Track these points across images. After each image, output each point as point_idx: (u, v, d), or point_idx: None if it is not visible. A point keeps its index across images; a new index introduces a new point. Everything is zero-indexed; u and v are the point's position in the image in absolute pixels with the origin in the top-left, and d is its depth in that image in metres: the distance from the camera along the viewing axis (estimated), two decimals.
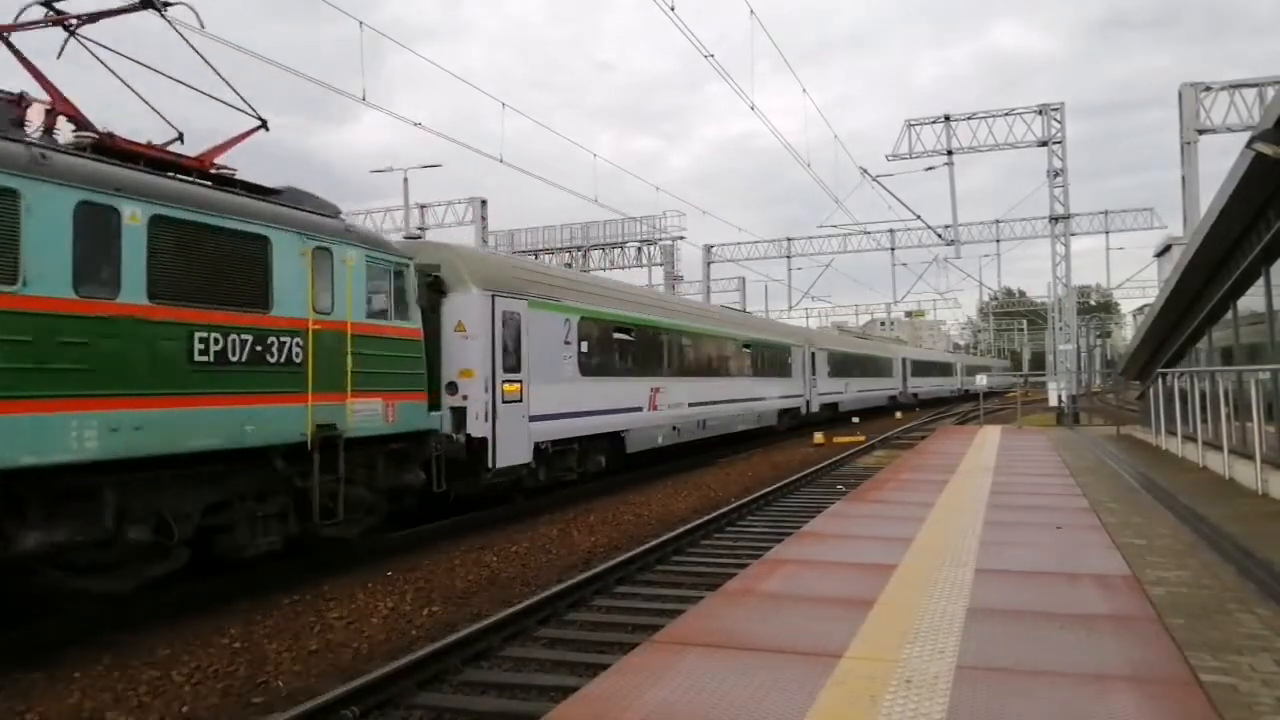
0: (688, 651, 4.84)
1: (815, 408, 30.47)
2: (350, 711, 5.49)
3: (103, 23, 8.25)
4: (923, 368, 53.30)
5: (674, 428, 18.08)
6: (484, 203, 37.18)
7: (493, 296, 11.90)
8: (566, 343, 13.96)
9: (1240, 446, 11.09)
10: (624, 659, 4.84)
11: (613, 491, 15.72)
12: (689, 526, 11.49)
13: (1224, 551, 7.21)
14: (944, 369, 60.79)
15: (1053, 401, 31.00)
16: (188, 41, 8.72)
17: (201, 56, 8.83)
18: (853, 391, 36.08)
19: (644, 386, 16.84)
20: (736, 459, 21.89)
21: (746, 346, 23.92)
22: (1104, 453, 16.67)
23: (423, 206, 38.08)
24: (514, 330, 12.36)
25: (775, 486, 15.44)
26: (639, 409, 16.50)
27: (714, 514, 12.53)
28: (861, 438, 26.87)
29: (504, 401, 11.90)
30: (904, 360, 47.46)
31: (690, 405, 19.19)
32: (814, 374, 30.55)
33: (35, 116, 7.22)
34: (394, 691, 5.87)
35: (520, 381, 12.33)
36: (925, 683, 4.28)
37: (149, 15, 8.37)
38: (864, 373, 39.00)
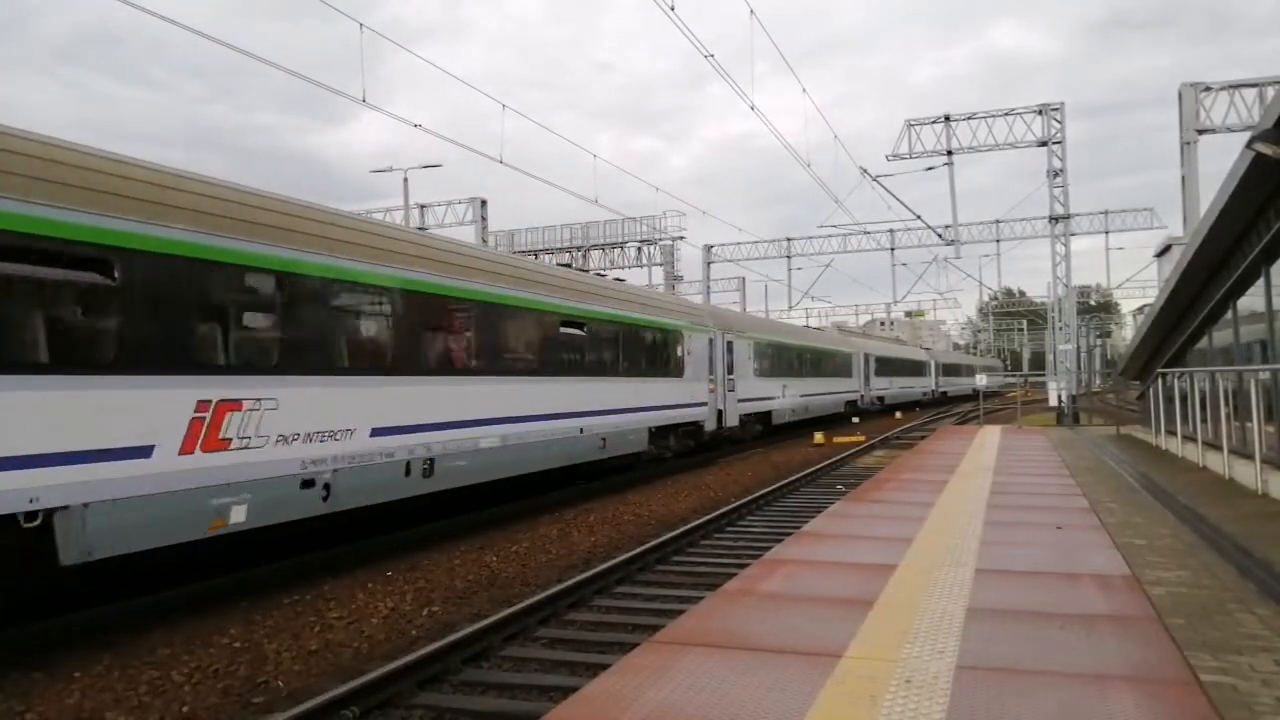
0: (688, 651, 4.84)
1: (732, 421, 21.81)
2: (350, 711, 5.50)
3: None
4: (889, 366, 44.05)
5: (308, 483, 8.67)
6: (484, 203, 37.16)
7: None
8: None
9: (1240, 446, 11.08)
10: (624, 659, 4.84)
11: (613, 491, 15.72)
12: (689, 526, 11.49)
13: (1224, 551, 7.21)
14: (915, 368, 51.28)
15: (1053, 401, 31.00)
16: None
17: None
18: (793, 396, 27.56)
19: (156, 402, 7.28)
20: (735, 459, 21.88)
21: (574, 325, 14.22)
22: (1104, 453, 16.67)
23: (423, 206, 38.07)
24: None
25: (775, 486, 15.44)
26: (134, 453, 7.06)
27: (714, 514, 12.53)
28: (861, 438, 26.88)
29: None
30: (865, 356, 39.22)
31: (377, 434, 9.59)
32: (731, 373, 21.76)
33: None
34: (394, 691, 5.87)
35: None
36: (925, 683, 4.28)
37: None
38: (815, 371, 30.83)
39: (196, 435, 7.61)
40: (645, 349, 17.28)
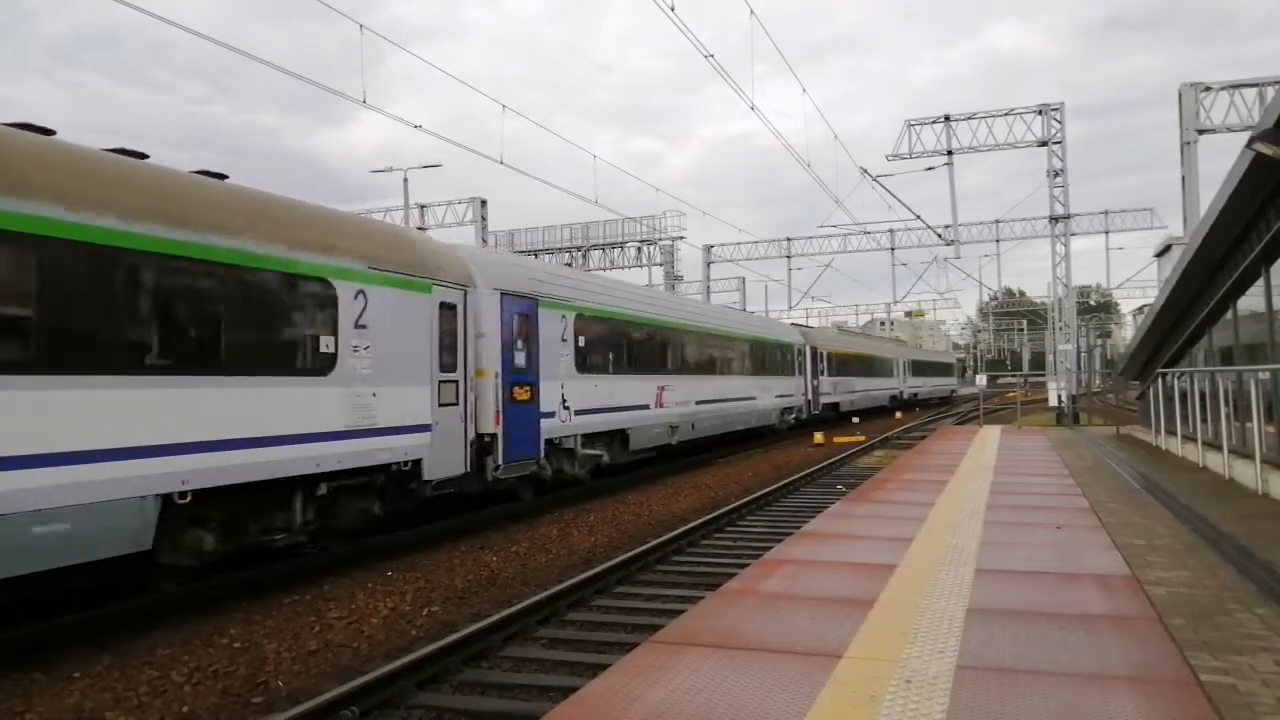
0: (688, 651, 4.83)
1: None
2: (350, 711, 5.49)
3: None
4: (716, 355, 22.26)
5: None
6: (484, 203, 37.20)
7: None
8: None
9: (1240, 446, 11.08)
10: (624, 659, 4.84)
11: (613, 491, 15.72)
12: (689, 526, 11.49)
13: (1224, 551, 7.21)
14: (763, 362, 26.07)
15: (1053, 401, 31.01)
16: None
17: None
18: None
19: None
20: (736, 459, 21.88)
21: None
22: (1104, 453, 16.67)
23: (423, 206, 38.12)
24: None
25: (775, 486, 15.44)
26: None
27: (714, 514, 12.53)
28: (861, 438, 26.88)
29: None
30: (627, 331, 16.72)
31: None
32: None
33: None
34: (394, 691, 5.87)
35: None
36: (925, 683, 4.28)
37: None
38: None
39: None
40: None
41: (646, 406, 17.09)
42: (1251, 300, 11.45)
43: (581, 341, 14.65)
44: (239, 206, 8.49)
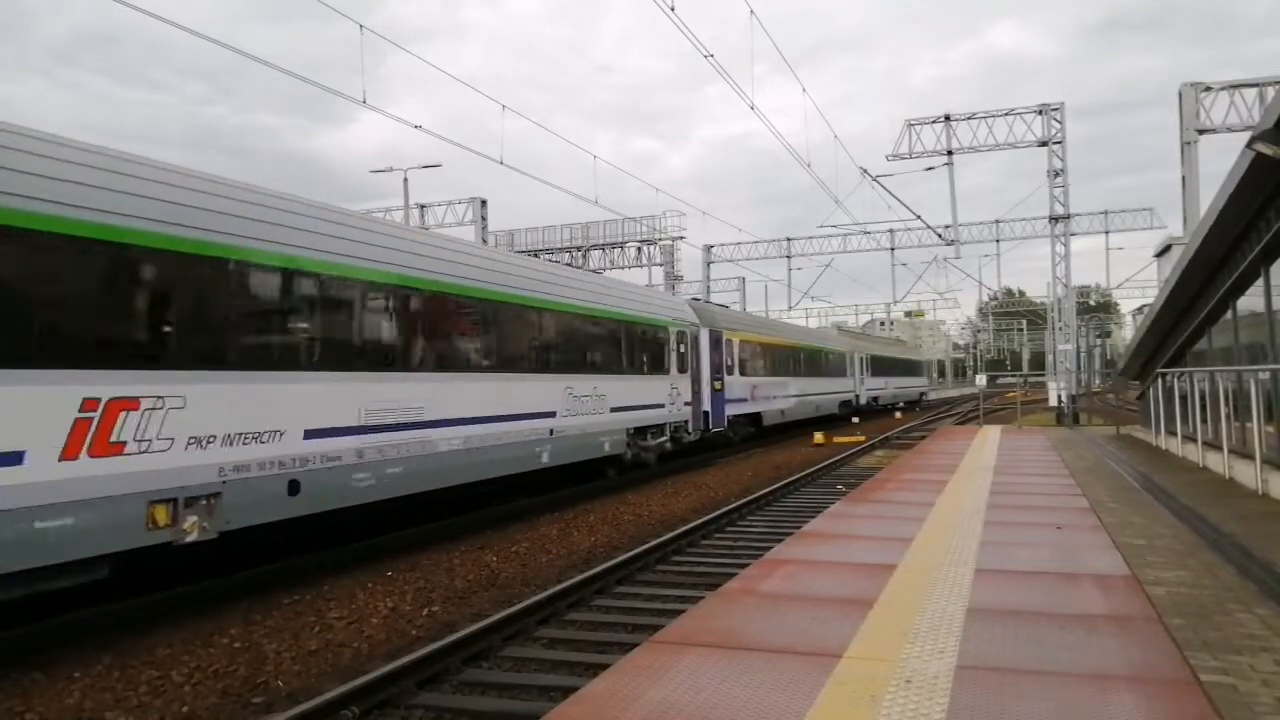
0: (688, 651, 4.84)
1: None
2: (350, 711, 5.50)
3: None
4: (412, 335, 10.57)
5: None
6: (484, 203, 37.19)
7: None
8: None
9: (1240, 446, 11.08)
10: (624, 659, 4.84)
11: (613, 491, 15.73)
12: (689, 526, 11.49)
13: (1224, 551, 7.21)
14: (587, 352, 15.00)
15: (1052, 401, 31.02)
16: None
17: None
18: None
19: None
20: (736, 459, 21.88)
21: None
22: (1104, 453, 16.67)
23: (423, 206, 38.11)
24: None
25: (775, 486, 15.44)
26: None
27: (714, 514, 12.53)
28: (861, 438, 26.89)
29: None
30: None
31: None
32: None
33: None
34: (394, 691, 5.87)
35: None
36: (925, 683, 4.28)
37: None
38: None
39: None
40: None
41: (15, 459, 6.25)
42: (1251, 300, 11.45)
43: None
44: None
